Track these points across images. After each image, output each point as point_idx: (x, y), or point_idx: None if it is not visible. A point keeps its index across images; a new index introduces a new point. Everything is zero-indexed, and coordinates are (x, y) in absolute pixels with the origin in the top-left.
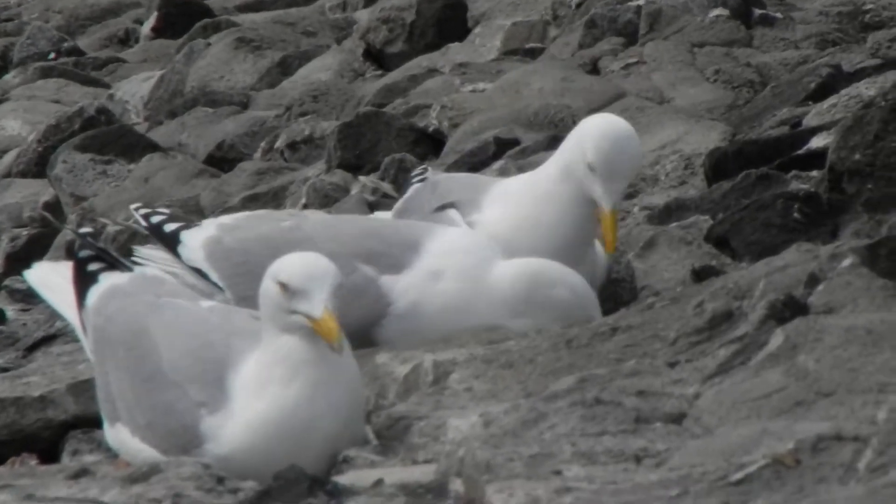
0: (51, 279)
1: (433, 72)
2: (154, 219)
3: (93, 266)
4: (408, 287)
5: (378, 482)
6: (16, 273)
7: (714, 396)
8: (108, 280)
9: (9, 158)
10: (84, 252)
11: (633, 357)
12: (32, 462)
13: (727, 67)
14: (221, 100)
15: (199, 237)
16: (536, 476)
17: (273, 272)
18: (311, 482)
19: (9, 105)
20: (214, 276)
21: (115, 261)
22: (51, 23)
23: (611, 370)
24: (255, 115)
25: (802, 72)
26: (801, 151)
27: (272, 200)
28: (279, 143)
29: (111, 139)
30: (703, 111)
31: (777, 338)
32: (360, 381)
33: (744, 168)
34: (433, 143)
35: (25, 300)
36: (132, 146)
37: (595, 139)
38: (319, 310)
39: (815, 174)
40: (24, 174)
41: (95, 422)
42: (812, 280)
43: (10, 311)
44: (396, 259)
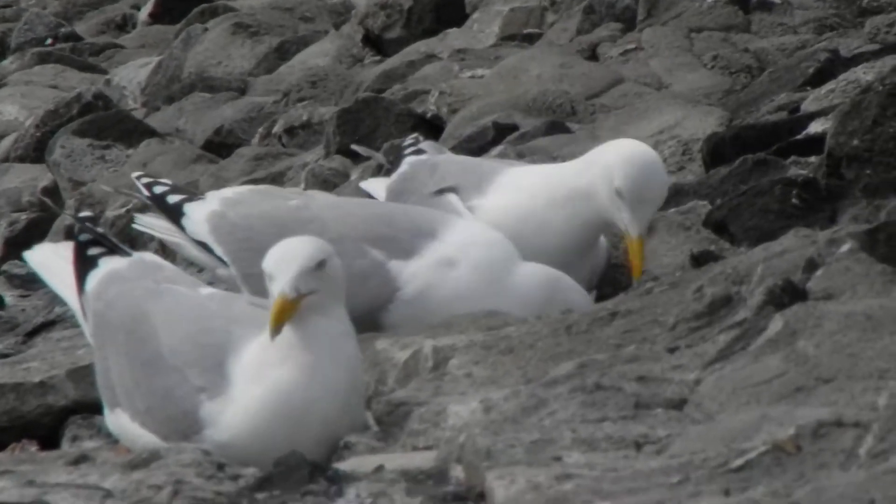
0: (51, 261)
1: (431, 57)
2: (157, 189)
3: (93, 250)
4: (417, 272)
5: (379, 468)
6: (15, 258)
7: (714, 382)
8: (108, 265)
9: (7, 143)
10: (84, 236)
11: (633, 342)
12: (32, 448)
13: (725, 53)
14: (219, 85)
15: (204, 211)
16: (537, 462)
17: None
18: (312, 468)
19: (6, 90)
20: (219, 251)
21: (115, 246)
22: (48, 9)
23: (610, 356)
24: (253, 101)
25: (800, 57)
26: (800, 137)
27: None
28: (277, 129)
29: (109, 124)
30: (701, 96)
31: (776, 323)
32: (360, 366)
33: (742, 153)
34: (432, 129)
35: (24, 286)
36: (130, 131)
37: (625, 166)
38: (276, 292)
39: (814, 159)
40: (23, 159)
41: (95, 407)
42: (810, 265)
43: (10, 297)
44: (406, 244)
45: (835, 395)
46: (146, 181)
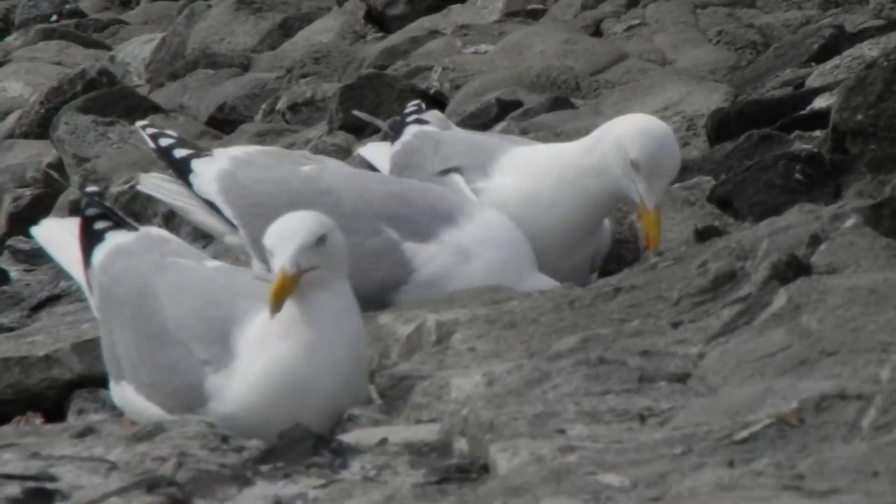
0: (58, 236)
1: (435, 33)
2: (163, 141)
3: (99, 224)
4: (433, 257)
5: (382, 441)
6: (19, 233)
7: (718, 356)
8: (114, 239)
9: (11, 120)
10: (91, 210)
11: (637, 317)
12: (38, 421)
13: (730, 28)
14: (222, 62)
15: (213, 169)
16: (540, 435)
17: None
18: (316, 441)
19: (11, 67)
20: (228, 213)
21: (122, 220)
22: None
23: (614, 330)
24: (257, 77)
25: (805, 32)
26: (804, 112)
27: None
28: (280, 105)
29: (113, 101)
30: (706, 72)
31: (780, 298)
32: (363, 341)
33: (746, 129)
34: (435, 105)
35: (29, 260)
36: (134, 108)
37: (640, 138)
38: (276, 268)
39: (818, 134)
40: (27, 135)
41: (100, 381)
42: (814, 240)
43: (14, 272)
44: (423, 227)
45: (838, 369)
46: (151, 132)
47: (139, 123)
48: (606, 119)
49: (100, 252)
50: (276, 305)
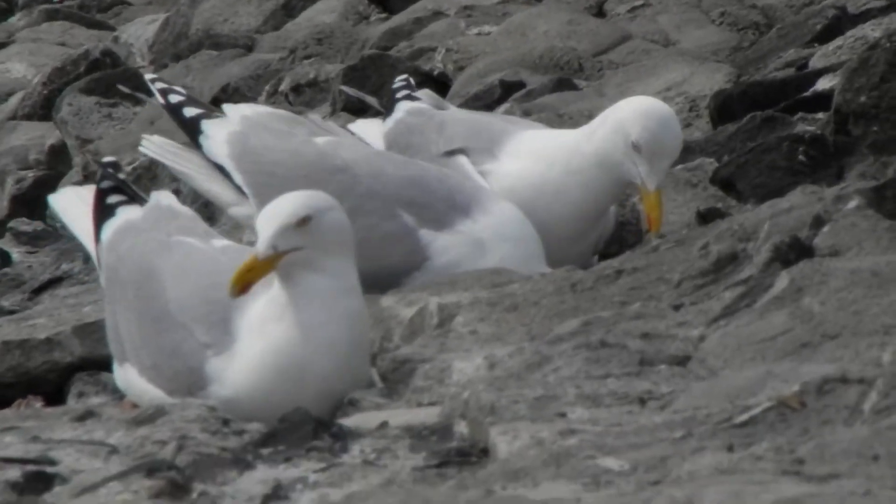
0: (73, 206)
1: (438, 14)
2: (172, 98)
3: (112, 198)
4: (449, 247)
5: (383, 424)
6: (21, 215)
7: (719, 339)
8: (124, 215)
9: (14, 101)
10: (105, 183)
11: (638, 300)
12: (38, 404)
13: (733, 9)
14: (226, 42)
15: (224, 131)
16: (541, 418)
17: None
18: (317, 424)
19: (14, 48)
20: (239, 179)
21: (135, 194)
22: None
23: (615, 313)
24: (260, 58)
25: (808, 13)
26: (807, 93)
27: None
28: (284, 86)
29: (116, 82)
30: (709, 53)
31: (782, 280)
32: (364, 323)
33: (749, 110)
34: (438, 87)
35: (31, 242)
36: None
37: (641, 119)
38: (256, 251)
39: (821, 116)
40: (30, 117)
41: (101, 364)
42: (817, 222)
43: (16, 254)
44: (440, 215)
45: (840, 352)
46: (161, 86)
47: (148, 76)
48: (610, 100)
49: (109, 229)
50: (237, 288)
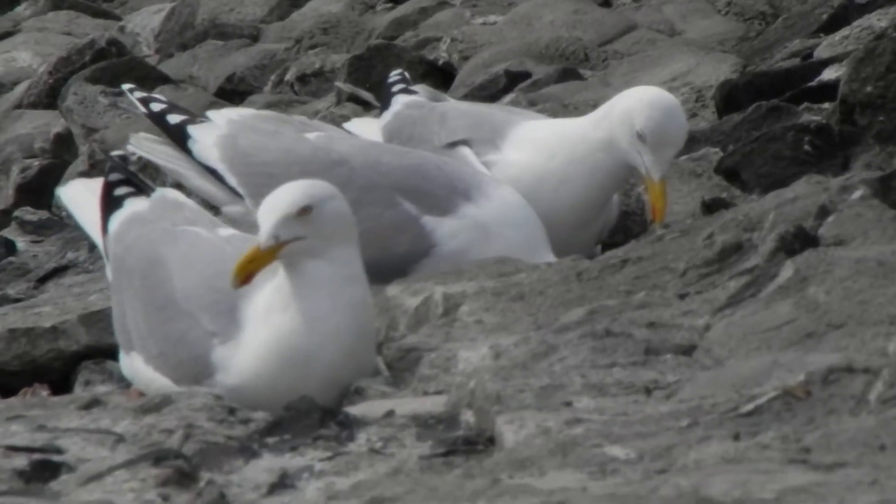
0: (82, 198)
1: (444, 4)
2: (154, 106)
3: (120, 190)
4: (456, 232)
5: (389, 413)
6: (27, 204)
7: (724, 328)
8: (131, 206)
9: (20, 90)
10: (113, 175)
11: (643, 289)
12: (44, 393)
13: None
14: (232, 32)
15: (212, 134)
16: (547, 407)
17: None
18: (323, 413)
19: (20, 37)
20: (233, 181)
21: (143, 185)
22: None
23: (621, 302)
24: (266, 48)
25: (814, 3)
26: (813, 83)
27: None
28: (289, 76)
29: (122, 71)
30: (715, 43)
31: (787, 270)
32: (369, 312)
33: (755, 100)
34: (443, 76)
35: (36, 231)
36: (143, 78)
37: (646, 109)
38: (258, 241)
39: (827, 106)
40: (35, 105)
41: (107, 352)
42: (822, 212)
43: (21, 243)
44: (442, 201)
45: (845, 341)
46: (140, 96)
47: (126, 86)
48: (615, 90)
49: (116, 220)
50: (240, 278)
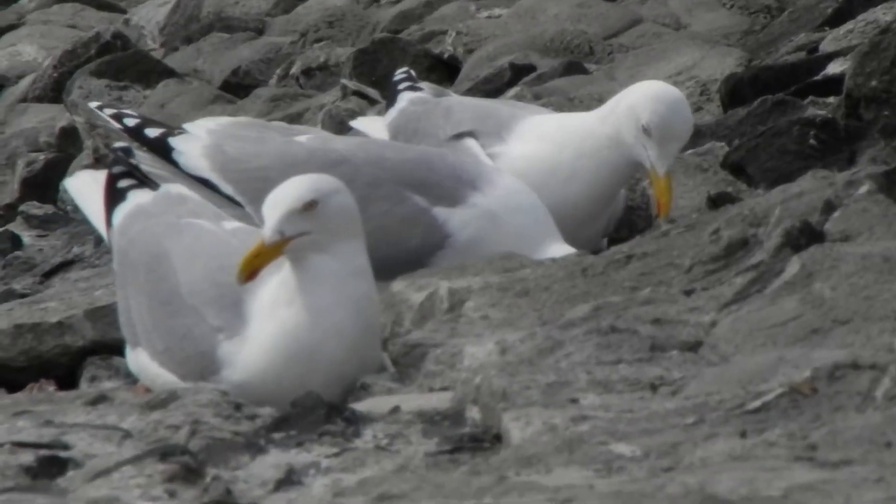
0: (89, 190)
1: None
2: (128, 122)
3: (123, 183)
4: (467, 222)
5: (395, 409)
6: (33, 198)
7: (730, 324)
8: (134, 199)
9: (25, 83)
10: (117, 168)
11: (649, 285)
12: (50, 388)
13: None
14: (237, 25)
15: (196, 145)
16: (553, 404)
17: None
18: (329, 409)
19: (25, 30)
20: (228, 190)
21: (146, 178)
22: None
23: (626, 298)
24: (271, 41)
25: None
26: (818, 77)
27: None
28: (294, 70)
29: (127, 65)
30: (720, 37)
31: (793, 265)
32: (374, 307)
33: (760, 94)
34: (448, 70)
35: (42, 226)
36: (148, 72)
37: (651, 103)
38: (263, 237)
39: (832, 100)
40: (40, 99)
41: (113, 348)
42: (828, 207)
43: (27, 237)
44: (449, 192)
45: (851, 338)
46: (110, 112)
47: (92, 104)
48: (620, 84)
49: (120, 213)
50: (245, 274)
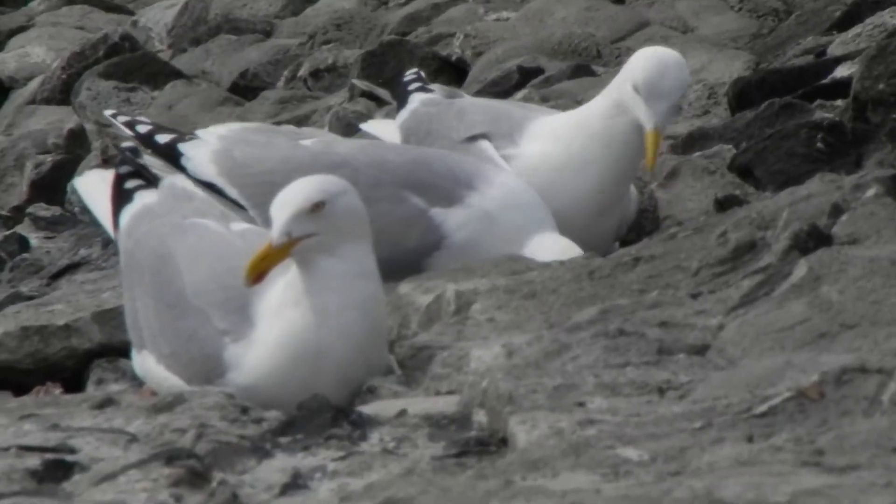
0: (97, 190)
1: (456, 0)
2: (140, 128)
3: (130, 183)
4: (464, 223)
5: (402, 412)
6: (41, 200)
7: (737, 328)
8: (141, 200)
9: (33, 85)
10: (124, 168)
11: (656, 288)
12: (57, 391)
13: None
14: (245, 27)
15: (205, 150)
16: (560, 408)
17: None
18: (336, 412)
19: (33, 32)
20: (234, 194)
21: (153, 178)
22: None
23: (633, 301)
24: (279, 44)
25: (827, 0)
26: (826, 81)
27: None
28: (302, 72)
29: (135, 66)
30: (728, 40)
31: (801, 269)
32: (381, 309)
33: (767, 97)
34: (456, 72)
35: (49, 227)
36: (156, 73)
37: (640, 61)
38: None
39: (840, 103)
40: (49, 101)
41: (120, 350)
42: (835, 210)
43: (34, 239)
44: (447, 192)
45: (858, 342)
46: (124, 119)
47: (107, 112)
48: None
49: (126, 214)
50: (252, 276)
